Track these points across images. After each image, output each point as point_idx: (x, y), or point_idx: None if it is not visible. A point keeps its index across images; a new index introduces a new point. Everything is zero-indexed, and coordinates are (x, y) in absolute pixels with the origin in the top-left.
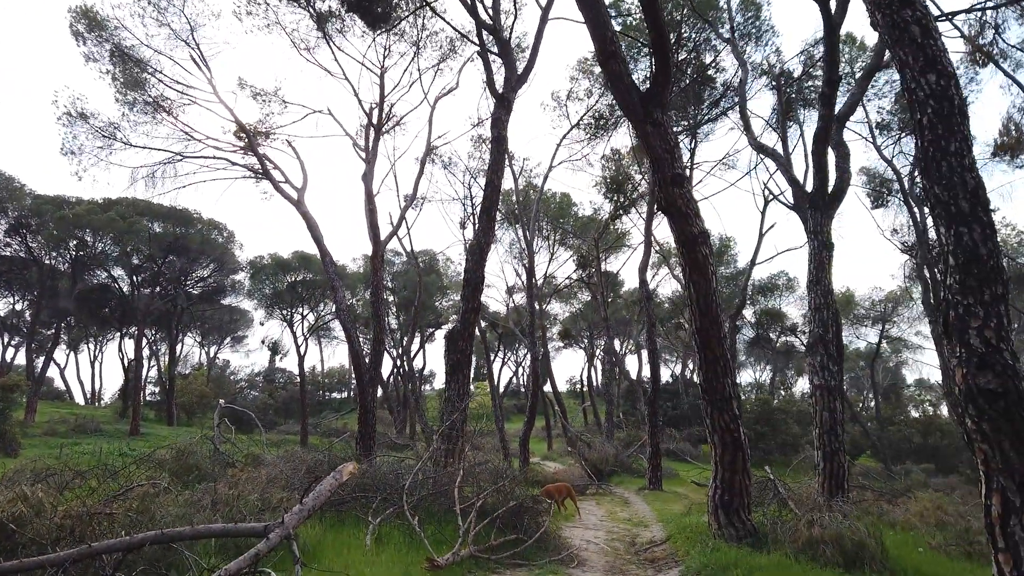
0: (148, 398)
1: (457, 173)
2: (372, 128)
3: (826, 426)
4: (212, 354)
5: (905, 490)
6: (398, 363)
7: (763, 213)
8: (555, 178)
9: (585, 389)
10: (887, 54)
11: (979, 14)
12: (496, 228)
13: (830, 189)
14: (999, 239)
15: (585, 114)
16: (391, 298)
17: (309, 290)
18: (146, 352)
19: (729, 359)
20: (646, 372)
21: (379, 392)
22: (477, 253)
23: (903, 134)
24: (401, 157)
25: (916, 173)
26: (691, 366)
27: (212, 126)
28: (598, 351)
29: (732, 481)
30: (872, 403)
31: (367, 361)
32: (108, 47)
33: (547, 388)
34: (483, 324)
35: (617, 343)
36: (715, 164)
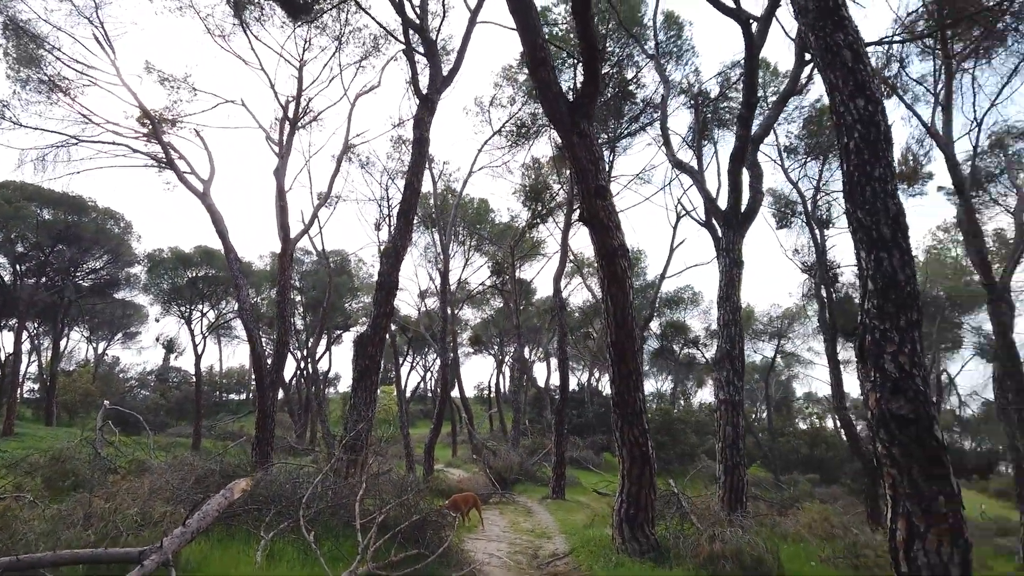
0: (26, 395)
1: (375, 173)
2: (287, 122)
3: (728, 440)
4: (100, 350)
5: (793, 500)
6: (302, 365)
7: (675, 228)
8: (475, 183)
9: (492, 395)
10: (802, 79)
11: (887, 47)
12: (413, 232)
13: (743, 208)
14: None
15: (507, 121)
16: (298, 298)
17: (211, 286)
18: (27, 346)
19: (641, 373)
20: (554, 380)
21: (280, 395)
22: (392, 256)
23: (808, 158)
24: (317, 153)
25: (818, 196)
26: (597, 375)
27: (114, 110)
28: (507, 358)
29: (639, 495)
30: (764, 415)
31: (269, 362)
32: (0, 19)
33: (455, 394)
34: (393, 328)
35: (527, 351)
36: (632, 178)
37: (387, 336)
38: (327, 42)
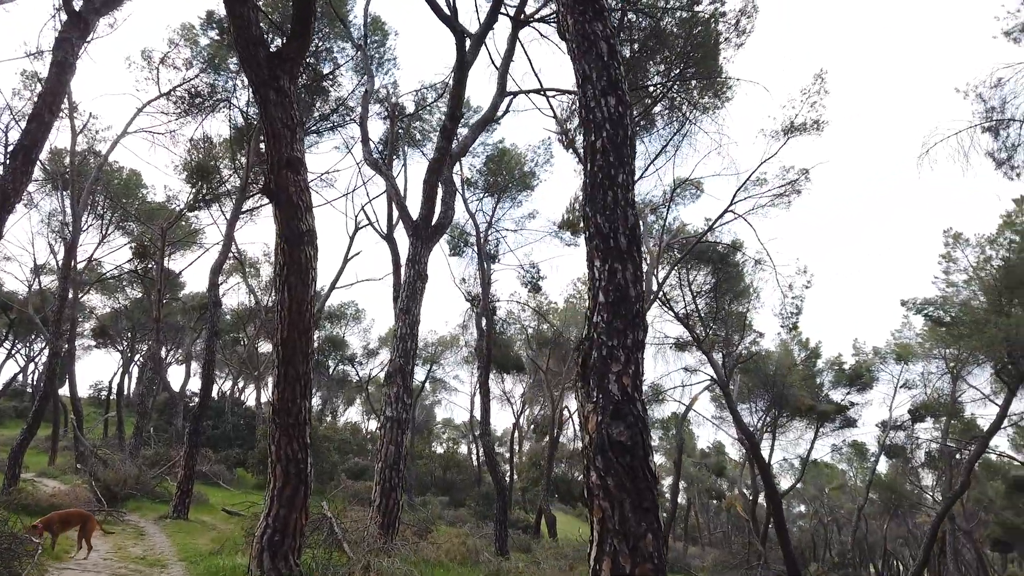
0: None
1: None
2: None
3: (390, 460)
4: None
5: (428, 522)
6: None
7: (352, 238)
8: (128, 147)
9: (113, 397)
10: (500, 109)
11: (572, 97)
12: (32, 179)
13: (435, 220)
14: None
15: (179, 86)
16: None
17: None
18: None
19: (311, 379)
20: (193, 385)
21: None
22: None
23: (485, 194)
24: None
25: (489, 231)
26: (242, 384)
27: None
28: (139, 356)
29: (288, 520)
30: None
31: None
32: None
33: (64, 391)
34: None
35: (165, 350)
36: (316, 177)
37: None
38: None
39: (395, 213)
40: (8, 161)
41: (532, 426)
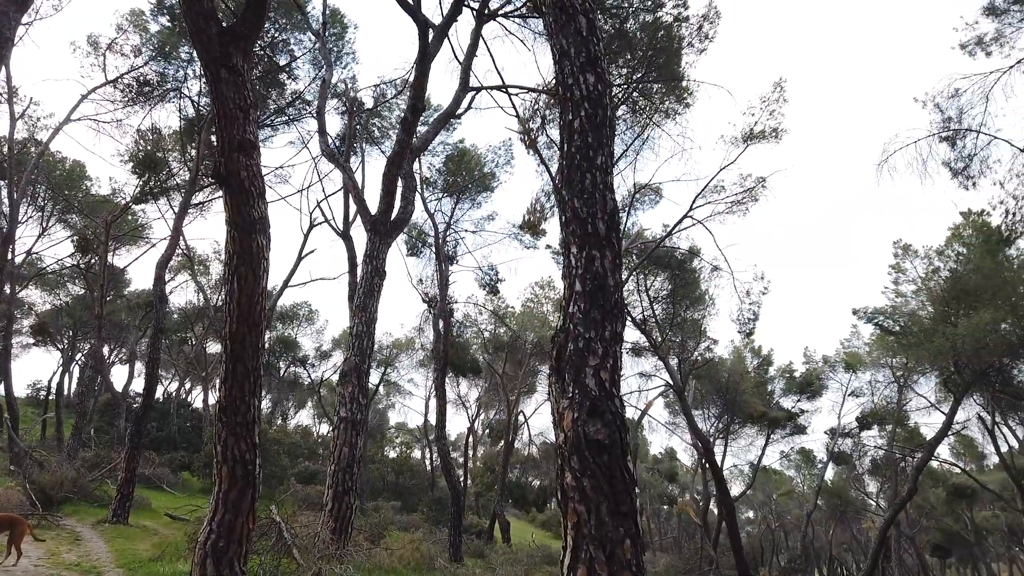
0: None
1: None
2: None
3: (343, 463)
4: None
5: (381, 527)
6: None
7: (307, 236)
8: (71, 135)
9: (52, 397)
10: (463, 104)
11: (533, 100)
12: None
13: (394, 215)
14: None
15: (127, 73)
16: None
17: None
18: None
19: (260, 376)
20: (135, 385)
21: None
22: None
23: (444, 195)
24: None
25: (448, 231)
26: (188, 385)
27: None
28: (80, 355)
29: (233, 525)
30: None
31: None
32: None
33: None
34: None
35: (107, 349)
36: (270, 171)
37: None
38: None
39: (352, 209)
40: None
41: (487, 430)
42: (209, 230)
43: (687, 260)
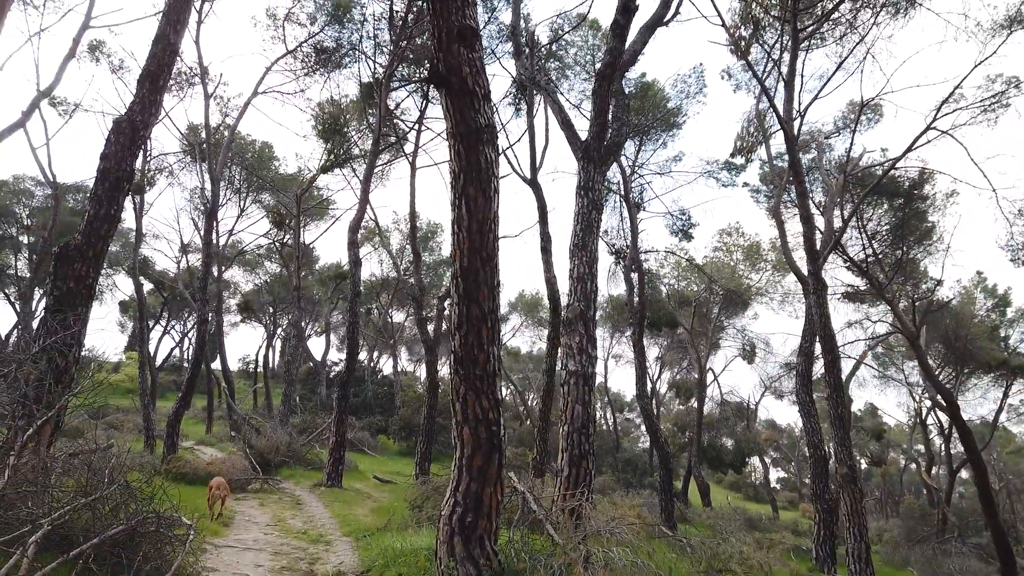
0: None
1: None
2: None
3: (577, 422)
4: None
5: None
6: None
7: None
8: (260, 108)
9: (260, 370)
10: (671, 9)
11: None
12: (162, 106)
13: (607, 140)
14: None
15: (305, 41)
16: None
17: None
18: None
19: (499, 319)
20: (332, 355)
21: None
22: (128, 133)
23: (627, 137)
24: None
25: (633, 181)
26: (377, 354)
27: None
28: (280, 330)
29: (481, 496)
30: (533, 403)
31: None
32: None
33: (216, 365)
34: (145, 283)
35: (303, 321)
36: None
37: (106, 251)
38: None
39: (539, 154)
40: (136, 88)
41: (674, 389)
42: (388, 198)
43: (917, 185)
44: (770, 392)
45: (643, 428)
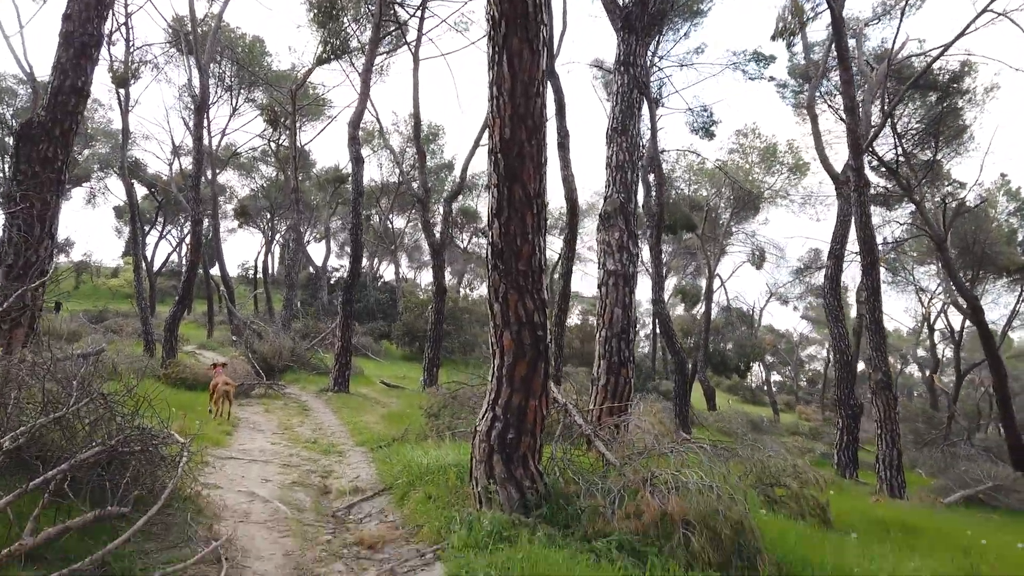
0: None
1: None
2: None
3: (617, 327)
4: None
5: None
6: None
7: None
8: (249, 18)
9: (259, 275)
10: None
11: None
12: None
13: (652, 6)
14: None
15: None
16: None
17: None
18: None
19: (545, 206)
20: (332, 261)
21: None
22: None
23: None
24: None
25: (651, 70)
26: (378, 260)
27: None
28: (278, 236)
29: (525, 409)
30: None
31: None
32: None
33: (215, 271)
34: (138, 186)
35: (302, 226)
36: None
37: (75, 130)
38: None
39: (556, 41)
40: None
41: (679, 295)
42: (387, 96)
43: (957, 78)
44: (775, 298)
45: (646, 332)
